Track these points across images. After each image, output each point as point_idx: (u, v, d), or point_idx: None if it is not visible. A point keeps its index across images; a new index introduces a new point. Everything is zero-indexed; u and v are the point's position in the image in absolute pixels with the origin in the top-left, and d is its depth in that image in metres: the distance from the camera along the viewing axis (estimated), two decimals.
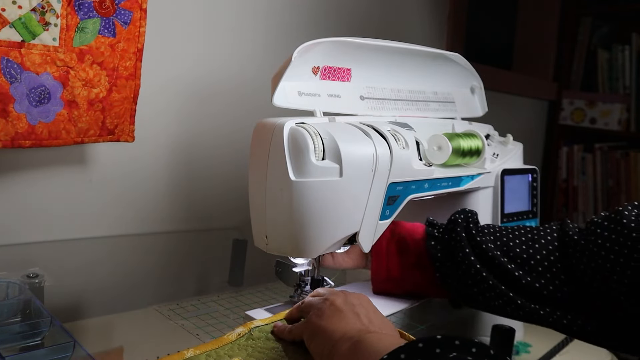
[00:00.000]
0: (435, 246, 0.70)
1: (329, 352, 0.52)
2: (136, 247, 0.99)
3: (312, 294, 0.63)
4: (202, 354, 0.55)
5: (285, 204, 0.58)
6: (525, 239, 0.67)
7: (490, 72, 1.81)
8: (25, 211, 0.88)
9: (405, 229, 0.73)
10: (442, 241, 0.70)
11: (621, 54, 2.11)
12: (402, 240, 0.72)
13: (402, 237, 0.73)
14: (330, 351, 0.51)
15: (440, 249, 0.69)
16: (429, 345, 0.44)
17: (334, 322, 0.54)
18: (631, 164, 2.08)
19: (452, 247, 0.68)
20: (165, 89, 1.00)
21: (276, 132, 0.58)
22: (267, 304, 0.77)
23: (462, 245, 0.67)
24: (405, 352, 0.44)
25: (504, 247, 0.66)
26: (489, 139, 0.84)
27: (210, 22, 1.05)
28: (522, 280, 0.64)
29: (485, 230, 0.69)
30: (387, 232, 0.71)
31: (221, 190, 1.11)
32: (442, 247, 0.70)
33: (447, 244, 0.69)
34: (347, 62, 0.69)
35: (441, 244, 0.70)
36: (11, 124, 0.74)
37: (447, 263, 0.69)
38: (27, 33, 0.73)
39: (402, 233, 0.73)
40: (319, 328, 0.54)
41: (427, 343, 0.44)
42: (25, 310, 0.67)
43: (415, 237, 0.72)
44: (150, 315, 0.77)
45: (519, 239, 0.67)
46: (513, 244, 0.67)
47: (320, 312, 0.56)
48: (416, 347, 0.44)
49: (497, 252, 0.66)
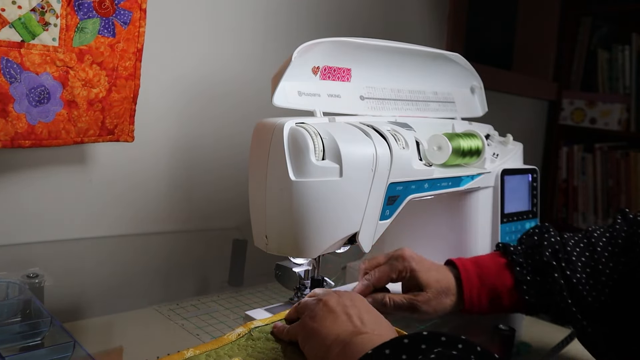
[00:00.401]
0: (529, 291, 0.69)
1: (322, 355, 0.52)
2: (136, 247, 0.99)
3: (309, 295, 0.63)
4: (202, 354, 0.55)
5: (285, 204, 0.58)
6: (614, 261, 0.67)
7: (490, 72, 1.81)
8: (25, 211, 0.88)
9: (491, 272, 0.71)
10: (535, 285, 0.69)
11: (621, 54, 2.11)
12: (494, 289, 0.71)
13: (493, 286, 0.71)
14: (323, 355, 0.52)
15: (534, 294, 0.69)
16: (414, 340, 0.44)
17: (327, 324, 0.54)
18: (631, 164, 2.08)
19: (547, 293, 0.68)
20: (165, 89, 1.00)
21: (276, 132, 0.58)
22: (267, 304, 0.77)
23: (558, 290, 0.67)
24: (390, 347, 0.44)
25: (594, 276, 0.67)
26: (489, 139, 0.84)
27: (211, 22, 1.05)
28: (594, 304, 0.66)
29: (573, 258, 0.68)
30: (475, 277, 0.70)
31: (221, 190, 1.11)
32: (535, 293, 0.69)
33: (541, 289, 0.69)
34: (347, 62, 0.69)
35: (534, 288, 0.69)
36: (11, 124, 0.74)
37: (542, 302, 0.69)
38: (26, 33, 0.73)
39: (492, 281, 0.71)
40: (312, 330, 0.55)
41: (413, 339, 0.44)
42: (25, 310, 0.67)
43: (506, 284, 0.70)
44: (150, 315, 0.77)
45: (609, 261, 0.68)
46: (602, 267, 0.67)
47: (313, 314, 0.56)
48: (401, 342, 0.44)
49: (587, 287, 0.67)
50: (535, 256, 0.70)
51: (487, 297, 0.70)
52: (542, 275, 0.69)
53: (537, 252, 0.70)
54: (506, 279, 0.70)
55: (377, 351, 0.45)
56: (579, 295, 0.66)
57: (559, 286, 0.67)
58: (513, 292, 0.70)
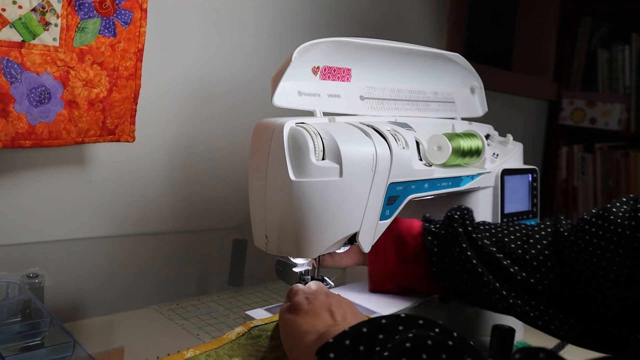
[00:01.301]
0: (432, 241, 0.71)
1: (296, 344, 0.52)
2: (136, 247, 0.99)
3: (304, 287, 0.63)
4: (202, 354, 0.55)
5: (285, 204, 0.58)
6: (520, 234, 0.68)
7: (490, 72, 1.81)
8: (26, 211, 0.88)
9: (403, 224, 0.74)
10: (439, 236, 0.71)
11: (621, 54, 2.11)
12: (399, 235, 0.73)
13: (399, 232, 0.73)
14: (297, 344, 0.52)
15: (437, 244, 0.71)
16: (392, 321, 0.46)
17: (307, 319, 0.54)
18: (631, 164, 2.08)
19: (449, 243, 0.69)
20: (165, 89, 1.00)
21: (276, 132, 0.58)
22: (267, 304, 0.77)
23: (459, 241, 0.68)
24: (367, 326, 0.46)
25: (500, 243, 0.67)
26: (489, 139, 0.84)
27: (211, 22, 1.05)
28: (517, 277, 0.65)
29: (481, 227, 0.70)
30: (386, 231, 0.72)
31: (221, 190, 1.11)
32: (439, 243, 0.71)
33: (444, 239, 0.70)
34: (347, 62, 0.69)
35: (438, 239, 0.71)
36: (11, 124, 0.74)
37: (444, 258, 0.70)
38: (27, 33, 0.73)
39: (399, 228, 0.74)
40: (290, 321, 0.55)
41: (391, 319, 0.46)
42: (25, 310, 0.67)
43: (412, 232, 0.73)
44: (150, 315, 0.77)
45: (514, 235, 0.68)
46: (508, 240, 0.67)
47: (296, 307, 0.57)
48: (379, 322, 0.46)
49: (493, 248, 0.67)
50: (446, 221, 0.72)
51: (392, 241, 0.72)
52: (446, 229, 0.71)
53: (449, 218, 0.72)
54: (414, 228, 0.73)
55: (354, 329, 0.46)
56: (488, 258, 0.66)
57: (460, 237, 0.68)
58: (417, 237, 0.72)
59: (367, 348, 0.44)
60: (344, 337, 0.45)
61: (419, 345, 0.41)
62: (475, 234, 0.68)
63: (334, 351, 0.45)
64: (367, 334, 0.45)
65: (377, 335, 0.45)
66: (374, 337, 0.45)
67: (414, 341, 0.42)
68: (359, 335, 0.45)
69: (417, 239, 0.72)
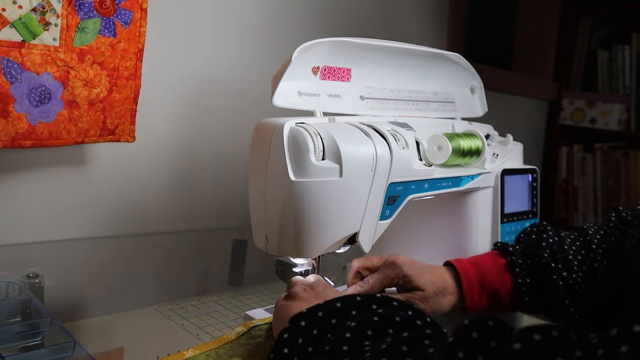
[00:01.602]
0: (528, 292, 0.70)
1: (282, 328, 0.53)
2: (136, 247, 0.99)
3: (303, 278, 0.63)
4: (201, 353, 0.55)
5: (285, 204, 0.58)
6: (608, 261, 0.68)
7: (490, 72, 1.81)
8: (25, 211, 0.88)
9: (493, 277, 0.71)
10: (534, 286, 0.70)
11: (621, 54, 2.11)
12: (494, 291, 0.71)
13: (493, 288, 0.71)
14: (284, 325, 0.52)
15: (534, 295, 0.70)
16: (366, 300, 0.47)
17: (300, 304, 0.55)
18: (631, 164, 2.08)
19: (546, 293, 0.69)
20: (165, 89, 1.00)
21: (276, 132, 0.58)
22: (267, 304, 0.77)
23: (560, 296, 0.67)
24: (341, 301, 0.47)
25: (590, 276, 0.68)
26: (489, 139, 0.84)
27: (211, 22, 1.05)
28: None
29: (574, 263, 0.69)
30: (475, 280, 0.70)
31: (221, 190, 1.11)
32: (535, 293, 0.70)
33: (541, 289, 0.69)
34: (347, 62, 0.69)
35: (534, 289, 0.70)
36: (11, 124, 0.74)
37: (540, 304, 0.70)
38: (27, 33, 0.73)
39: (492, 284, 0.71)
40: (282, 307, 0.56)
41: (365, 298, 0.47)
42: (25, 310, 0.67)
43: (506, 285, 0.71)
44: (150, 315, 0.77)
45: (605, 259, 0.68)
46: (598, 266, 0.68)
47: (292, 295, 0.58)
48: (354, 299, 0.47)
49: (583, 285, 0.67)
50: (534, 257, 0.70)
51: (487, 298, 0.70)
52: (540, 276, 0.69)
53: (536, 253, 0.70)
54: (506, 280, 0.71)
55: (329, 303, 0.47)
56: (576, 295, 0.67)
57: (557, 287, 0.67)
58: (513, 293, 0.70)
59: (339, 321, 0.45)
60: (318, 309, 0.47)
61: (386, 321, 0.42)
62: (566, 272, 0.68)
63: (305, 320, 0.46)
64: (341, 308, 0.46)
65: (350, 310, 0.46)
66: (347, 313, 0.46)
67: (382, 316, 0.43)
68: (333, 310, 0.46)
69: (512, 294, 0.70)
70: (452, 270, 0.72)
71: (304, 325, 0.46)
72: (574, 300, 0.67)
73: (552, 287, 0.68)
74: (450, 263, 0.73)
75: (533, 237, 0.73)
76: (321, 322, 0.45)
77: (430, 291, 0.68)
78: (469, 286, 0.70)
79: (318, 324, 0.45)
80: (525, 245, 0.73)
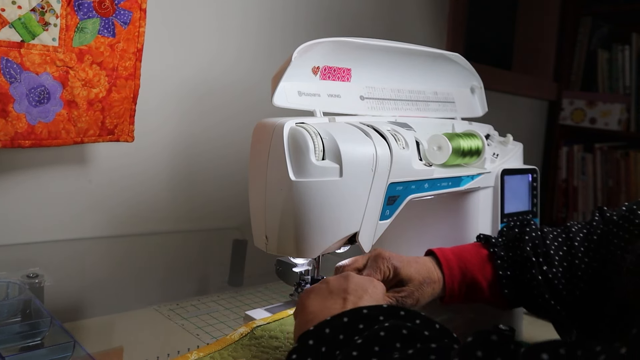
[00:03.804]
0: (508, 285, 0.70)
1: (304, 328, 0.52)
2: (136, 247, 0.99)
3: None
4: (205, 356, 0.55)
5: (285, 204, 0.58)
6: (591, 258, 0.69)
7: (490, 72, 1.81)
8: (25, 211, 0.88)
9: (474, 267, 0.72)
10: (514, 279, 0.70)
11: (621, 54, 2.11)
12: (474, 281, 0.71)
13: (473, 278, 0.71)
14: (305, 327, 0.52)
15: (513, 287, 0.70)
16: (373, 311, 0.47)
17: (319, 301, 0.55)
18: (631, 164, 2.08)
19: (526, 286, 0.69)
20: (165, 89, 1.00)
21: (276, 132, 0.58)
22: (267, 304, 0.77)
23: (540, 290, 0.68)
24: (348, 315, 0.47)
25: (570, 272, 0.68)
26: (489, 139, 0.84)
27: (210, 22, 1.05)
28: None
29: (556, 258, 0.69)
30: (456, 269, 0.71)
31: (221, 190, 1.11)
32: (515, 286, 0.70)
33: (520, 282, 0.70)
34: (347, 62, 0.69)
35: (514, 282, 0.70)
36: (11, 123, 0.74)
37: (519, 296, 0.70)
38: (26, 33, 0.73)
39: (473, 274, 0.71)
40: (304, 304, 0.55)
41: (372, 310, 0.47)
42: (25, 310, 0.67)
43: (486, 276, 0.71)
44: (150, 315, 0.77)
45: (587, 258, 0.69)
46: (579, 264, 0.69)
47: (312, 290, 0.57)
48: (360, 312, 0.47)
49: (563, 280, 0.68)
50: (516, 250, 0.71)
51: (466, 289, 0.71)
52: (521, 269, 0.70)
53: (518, 247, 0.71)
54: (487, 271, 0.71)
55: (336, 318, 0.46)
56: (556, 289, 0.68)
57: (535, 281, 0.68)
58: (492, 285, 0.71)
59: (346, 337, 0.45)
60: (325, 325, 0.46)
61: (393, 334, 0.42)
62: (546, 266, 0.68)
63: (313, 338, 0.45)
64: (348, 323, 0.46)
65: (357, 325, 0.46)
66: (354, 327, 0.45)
67: (389, 330, 0.42)
68: (340, 325, 0.46)
69: (492, 285, 0.71)
70: (434, 259, 0.72)
71: (312, 344, 0.45)
72: (553, 293, 0.68)
73: (532, 280, 0.68)
74: (432, 252, 0.73)
75: (516, 230, 0.74)
76: (329, 338, 0.45)
77: (416, 283, 0.68)
78: (450, 275, 0.70)
79: (326, 341, 0.45)
80: (507, 238, 0.73)
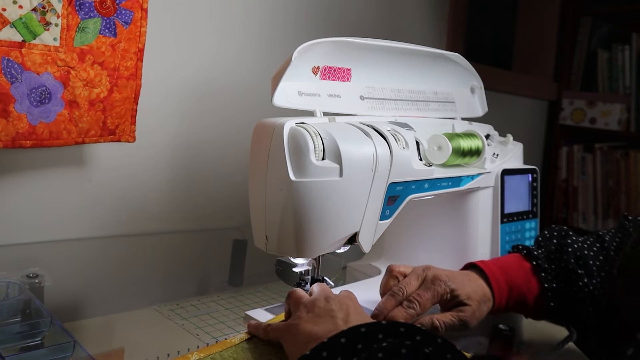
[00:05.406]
0: (554, 298, 0.70)
1: (299, 352, 0.52)
2: (136, 247, 0.99)
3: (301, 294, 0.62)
4: (206, 357, 0.55)
5: (285, 204, 0.58)
6: None
7: (490, 72, 1.81)
8: (26, 211, 0.88)
9: (520, 281, 0.71)
10: (560, 291, 0.70)
11: (621, 54, 2.11)
12: (521, 295, 0.71)
13: (520, 292, 0.71)
14: (300, 351, 0.52)
15: (559, 301, 0.70)
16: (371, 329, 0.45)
17: (309, 326, 0.54)
18: (631, 164, 2.08)
19: (572, 299, 0.69)
20: (166, 89, 1.00)
21: (276, 132, 0.58)
22: (267, 304, 0.77)
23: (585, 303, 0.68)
24: (345, 336, 0.45)
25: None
26: (489, 139, 0.84)
27: (211, 22, 1.05)
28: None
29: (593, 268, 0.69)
30: (504, 284, 0.70)
31: (221, 190, 1.11)
32: (560, 299, 0.70)
33: (566, 295, 0.69)
34: (347, 62, 0.69)
35: (560, 295, 0.70)
36: (12, 124, 0.74)
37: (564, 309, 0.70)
38: (27, 33, 0.73)
39: (520, 288, 0.71)
40: (294, 330, 0.55)
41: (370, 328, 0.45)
42: (25, 310, 0.67)
43: (532, 290, 0.70)
44: (150, 315, 0.77)
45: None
46: None
47: (298, 316, 0.56)
48: (358, 331, 0.46)
49: (602, 291, 0.67)
50: (560, 262, 0.70)
51: (514, 303, 0.70)
52: (566, 282, 0.69)
53: (561, 259, 0.70)
54: (532, 285, 0.70)
55: (333, 339, 0.45)
56: (597, 301, 0.67)
57: (582, 294, 0.67)
58: (539, 298, 0.70)
59: (345, 359, 0.44)
60: (322, 348, 0.45)
61: (391, 355, 0.41)
62: (587, 278, 0.67)
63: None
64: (346, 344, 0.45)
65: (355, 345, 0.44)
66: (353, 347, 0.44)
67: (387, 352, 0.41)
68: (337, 346, 0.45)
69: (538, 299, 0.70)
70: (481, 274, 0.70)
71: None
72: (596, 306, 0.67)
73: (578, 293, 0.67)
74: (475, 265, 0.72)
75: (554, 241, 0.73)
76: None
77: (476, 303, 0.66)
78: (498, 290, 0.69)
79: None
80: (547, 250, 0.73)
